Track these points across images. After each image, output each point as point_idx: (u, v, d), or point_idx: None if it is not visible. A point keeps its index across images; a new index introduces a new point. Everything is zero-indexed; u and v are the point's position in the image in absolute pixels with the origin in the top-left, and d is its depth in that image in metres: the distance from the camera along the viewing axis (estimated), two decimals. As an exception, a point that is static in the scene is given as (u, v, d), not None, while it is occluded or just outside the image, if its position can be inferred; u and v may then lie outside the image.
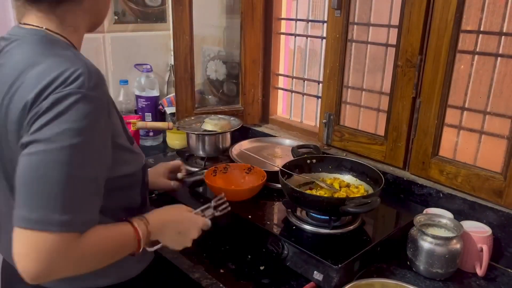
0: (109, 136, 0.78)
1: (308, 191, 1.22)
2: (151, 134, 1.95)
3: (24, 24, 0.82)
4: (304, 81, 1.84)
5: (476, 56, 1.22)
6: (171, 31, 1.82)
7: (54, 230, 0.68)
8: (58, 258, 0.69)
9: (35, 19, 0.81)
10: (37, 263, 0.67)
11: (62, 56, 0.76)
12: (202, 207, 1.06)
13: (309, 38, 1.80)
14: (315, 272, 1.02)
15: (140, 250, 0.85)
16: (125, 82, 1.96)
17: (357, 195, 1.20)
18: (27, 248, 0.67)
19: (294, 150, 1.42)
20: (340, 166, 1.36)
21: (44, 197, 0.68)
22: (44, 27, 0.80)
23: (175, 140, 1.88)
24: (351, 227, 1.16)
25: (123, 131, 0.87)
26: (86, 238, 0.73)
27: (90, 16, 0.86)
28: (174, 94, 1.81)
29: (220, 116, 1.70)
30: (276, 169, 1.29)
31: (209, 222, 1.03)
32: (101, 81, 0.76)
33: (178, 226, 0.95)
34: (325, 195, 1.19)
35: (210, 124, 1.58)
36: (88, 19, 0.87)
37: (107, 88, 0.78)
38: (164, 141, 1.96)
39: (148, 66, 2.00)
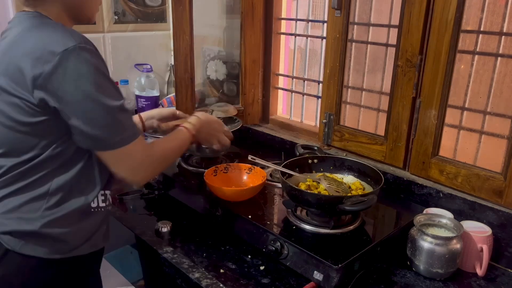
0: None
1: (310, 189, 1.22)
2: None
3: (22, 11, 1.01)
4: (304, 81, 1.84)
5: (476, 56, 1.22)
6: (171, 31, 1.82)
7: (129, 142, 0.93)
8: (143, 157, 0.97)
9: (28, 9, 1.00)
10: (135, 168, 0.97)
11: (55, 26, 0.92)
12: None
13: (309, 38, 1.79)
14: (315, 272, 1.02)
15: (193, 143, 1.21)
16: (125, 82, 1.96)
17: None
18: (124, 160, 0.94)
19: (298, 147, 1.43)
20: (341, 166, 1.35)
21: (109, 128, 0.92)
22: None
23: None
24: (351, 227, 1.16)
25: None
26: (155, 146, 1.03)
27: (69, 10, 0.99)
28: (174, 94, 1.81)
29: (223, 103, 1.77)
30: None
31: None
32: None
33: (210, 126, 1.27)
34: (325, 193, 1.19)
35: (220, 111, 1.66)
36: (68, 13, 0.99)
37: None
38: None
39: (148, 66, 2.00)
